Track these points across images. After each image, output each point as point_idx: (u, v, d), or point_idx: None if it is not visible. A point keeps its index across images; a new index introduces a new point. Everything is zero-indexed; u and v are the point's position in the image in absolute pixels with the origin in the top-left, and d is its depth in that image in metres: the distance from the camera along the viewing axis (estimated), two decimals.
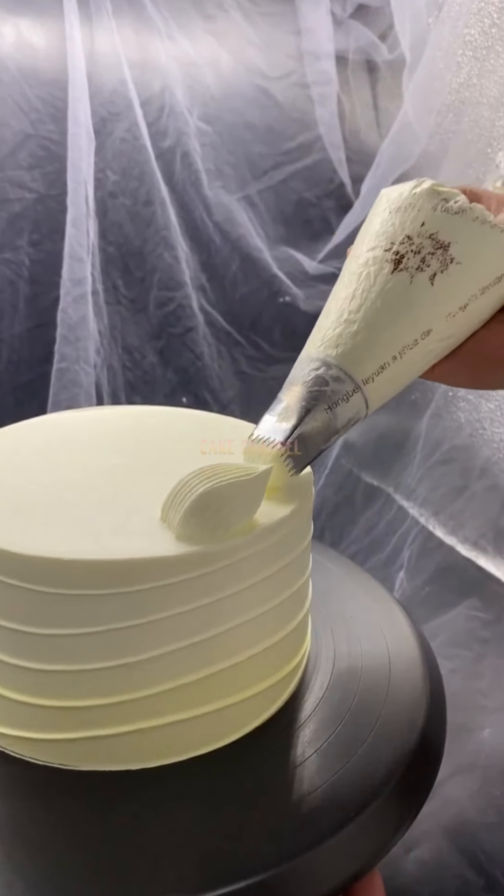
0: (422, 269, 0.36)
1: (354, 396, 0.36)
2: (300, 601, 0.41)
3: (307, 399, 0.36)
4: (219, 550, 0.34)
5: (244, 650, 0.37)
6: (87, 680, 0.35)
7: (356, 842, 0.34)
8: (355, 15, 0.92)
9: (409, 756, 0.38)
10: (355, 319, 0.36)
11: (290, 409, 0.36)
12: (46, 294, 0.83)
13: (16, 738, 0.37)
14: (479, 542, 0.76)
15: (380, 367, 0.36)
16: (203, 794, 0.35)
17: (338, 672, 0.43)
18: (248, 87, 0.92)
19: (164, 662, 0.35)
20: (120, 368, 0.89)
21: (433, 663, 0.45)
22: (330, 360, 0.36)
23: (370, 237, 0.39)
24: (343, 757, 0.37)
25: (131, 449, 0.44)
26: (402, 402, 0.87)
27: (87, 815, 0.35)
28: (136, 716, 0.36)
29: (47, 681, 0.35)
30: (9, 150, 0.80)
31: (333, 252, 0.95)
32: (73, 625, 0.34)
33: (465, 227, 0.37)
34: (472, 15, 0.73)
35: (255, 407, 0.93)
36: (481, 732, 0.65)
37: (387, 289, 0.37)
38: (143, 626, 0.34)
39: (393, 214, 0.38)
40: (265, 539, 0.36)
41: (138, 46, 0.84)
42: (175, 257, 0.89)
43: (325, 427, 0.36)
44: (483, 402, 0.77)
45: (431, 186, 0.38)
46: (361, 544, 0.88)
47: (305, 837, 0.33)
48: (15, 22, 0.79)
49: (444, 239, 0.36)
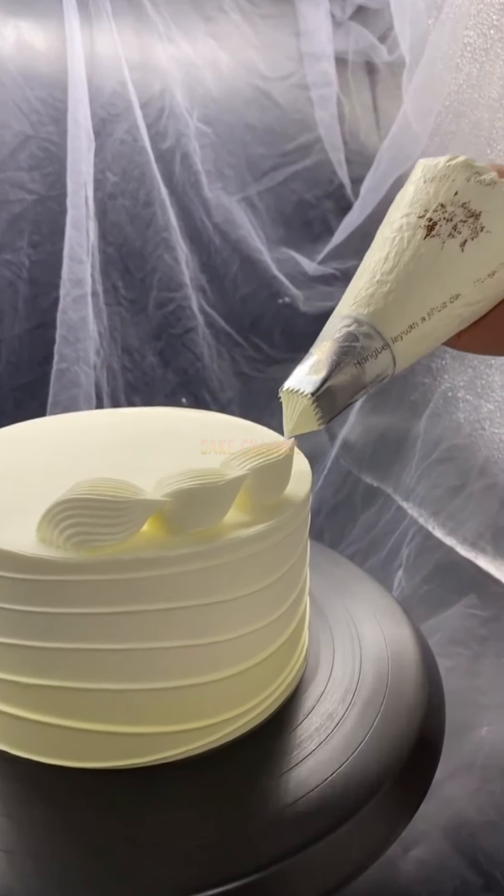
0: (453, 235, 0.38)
1: (383, 353, 0.37)
2: (298, 600, 0.42)
3: (338, 353, 0.37)
4: (212, 549, 0.35)
5: (242, 652, 0.37)
6: (85, 662, 0.35)
7: (353, 841, 0.35)
8: (355, 17, 0.92)
9: (407, 755, 0.38)
10: (387, 280, 0.38)
11: (320, 363, 0.37)
12: (46, 295, 0.83)
13: (10, 717, 0.37)
14: (478, 542, 0.76)
15: (409, 327, 0.38)
16: (200, 793, 0.36)
17: (336, 671, 0.43)
18: (247, 88, 0.92)
19: (163, 656, 0.35)
20: (120, 369, 0.89)
21: (432, 663, 0.45)
22: (361, 318, 0.37)
23: (404, 204, 0.40)
24: (341, 756, 0.37)
25: (131, 451, 0.44)
26: (402, 403, 0.87)
27: (84, 813, 0.35)
28: (133, 711, 0.36)
29: (43, 662, 0.35)
30: (9, 151, 0.80)
31: (333, 253, 0.95)
32: (70, 605, 0.34)
33: (495, 199, 0.38)
34: (471, 17, 0.74)
35: (255, 407, 0.93)
36: (479, 731, 0.65)
37: (419, 253, 0.38)
38: (139, 615, 0.34)
39: (428, 183, 0.40)
40: (264, 538, 0.36)
41: (138, 48, 0.85)
42: (175, 258, 0.89)
43: (353, 381, 0.37)
44: (482, 402, 0.77)
45: (466, 160, 0.39)
46: (360, 544, 0.88)
47: (303, 836, 0.33)
48: (15, 23, 0.79)
49: (475, 208, 0.38)
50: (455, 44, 0.75)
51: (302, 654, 0.44)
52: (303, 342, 0.40)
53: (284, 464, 0.38)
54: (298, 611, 0.42)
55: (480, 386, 0.78)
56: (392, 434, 0.90)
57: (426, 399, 0.83)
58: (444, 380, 0.81)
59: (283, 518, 0.38)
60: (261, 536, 0.36)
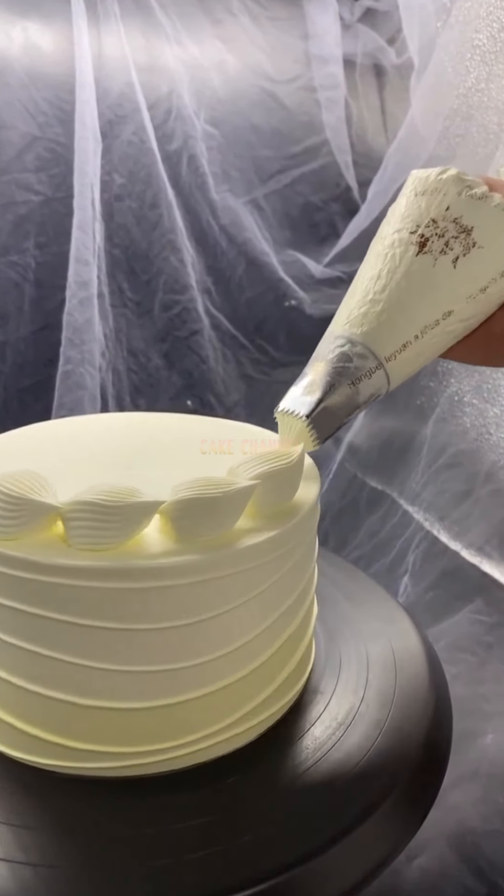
0: (445, 252, 0.38)
1: (377, 373, 0.37)
2: (304, 607, 0.41)
3: (331, 374, 0.37)
4: (217, 558, 0.34)
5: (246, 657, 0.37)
6: (92, 677, 0.35)
7: (360, 850, 0.34)
8: (363, 19, 0.92)
9: (413, 764, 0.38)
10: (380, 299, 0.38)
11: (315, 384, 0.37)
12: (52, 297, 0.83)
13: (20, 733, 0.37)
14: (484, 548, 0.76)
15: (402, 346, 0.38)
16: (206, 802, 0.35)
17: (342, 679, 0.43)
18: (255, 90, 0.92)
19: (168, 671, 0.35)
20: (125, 371, 0.89)
21: (439, 671, 0.45)
22: (355, 338, 0.38)
23: (396, 219, 0.40)
24: (347, 764, 0.37)
25: (139, 456, 0.44)
26: (408, 407, 0.87)
27: (90, 822, 0.34)
28: (140, 722, 0.36)
29: (49, 668, 0.35)
30: (16, 152, 0.80)
31: (339, 256, 0.95)
32: (76, 615, 0.34)
33: (487, 213, 0.38)
34: (480, 19, 0.73)
35: (260, 410, 0.93)
36: (484, 739, 0.64)
37: (411, 270, 0.38)
38: (141, 632, 0.34)
39: (419, 197, 0.39)
40: (270, 548, 0.36)
41: (146, 50, 0.85)
42: (181, 260, 0.89)
43: (347, 401, 0.37)
44: (489, 406, 0.77)
45: (457, 173, 0.39)
46: (365, 549, 0.88)
47: (310, 846, 0.33)
48: (23, 25, 0.79)
49: (467, 223, 0.38)
50: (464, 46, 0.75)
51: (309, 663, 0.43)
52: (308, 345, 0.40)
53: (294, 470, 0.38)
54: (307, 611, 0.42)
55: (487, 390, 0.78)
56: (398, 438, 0.89)
57: (432, 403, 0.83)
58: (451, 384, 0.81)
59: (291, 525, 0.37)
60: (269, 544, 0.36)
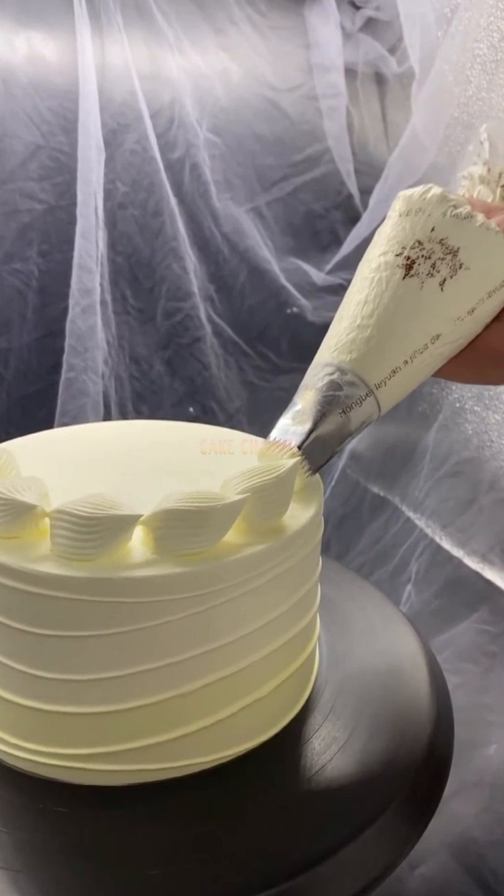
0: (432, 274, 0.37)
1: (367, 400, 0.37)
2: (306, 614, 0.41)
3: (322, 403, 0.37)
4: (216, 570, 0.34)
5: (247, 657, 0.37)
6: (92, 688, 0.35)
7: (363, 859, 0.34)
8: (365, 28, 0.92)
9: (415, 773, 0.38)
10: (368, 325, 0.37)
11: (305, 413, 0.37)
12: (55, 304, 0.83)
13: (24, 750, 0.37)
14: (488, 556, 0.75)
15: (392, 372, 0.37)
16: (208, 809, 0.35)
17: (345, 688, 0.43)
18: (257, 99, 0.93)
19: (169, 672, 0.35)
20: (127, 378, 0.89)
21: (441, 680, 0.45)
22: (344, 366, 0.37)
23: (382, 241, 0.40)
24: (350, 773, 0.37)
25: (137, 466, 0.44)
26: (411, 414, 0.87)
27: (95, 827, 0.34)
28: (144, 728, 0.36)
29: (51, 686, 0.35)
30: (19, 161, 0.80)
31: (341, 263, 0.95)
32: (74, 628, 0.34)
33: (472, 233, 0.38)
34: (481, 29, 0.74)
35: (262, 417, 0.93)
36: (488, 748, 0.64)
37: (398, 295, 0.38)
38: (144, 632, 0.34)
39: (403, 218, 0.39)
40: (253, 565, 0.35)
41: (149, 59, 0.85)
42: (183, 268, 0.89)
43: (338, 430, 0.37)
44: (490, 413, 0.77)
45: (441, 193, 0.39)
46: (368, 556, 0.87)
47: (311, 853, 0.33)
48: (27, 35, 0.80)
49: (453, 244, 0.38)
50: (465, 55, 0.75)
51: (312, 667, 0.43)
52: (310, 352, 0.40)
53: (284, 485, 0.36)
54: (308, 643, 0.41)
55: (488, 397, 0.78)
56: (400, 445, 0.89)
57: (434, 410, 0.83)
58: (453, 390, 0.81)
59: (283, 542, 0.36)
60: (252, 561, 0.34)
